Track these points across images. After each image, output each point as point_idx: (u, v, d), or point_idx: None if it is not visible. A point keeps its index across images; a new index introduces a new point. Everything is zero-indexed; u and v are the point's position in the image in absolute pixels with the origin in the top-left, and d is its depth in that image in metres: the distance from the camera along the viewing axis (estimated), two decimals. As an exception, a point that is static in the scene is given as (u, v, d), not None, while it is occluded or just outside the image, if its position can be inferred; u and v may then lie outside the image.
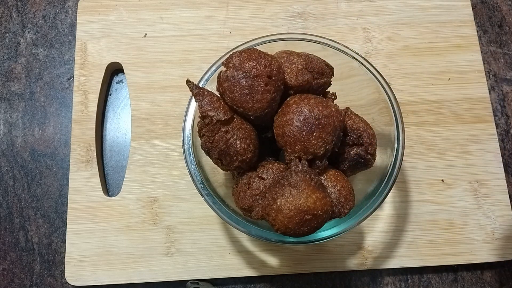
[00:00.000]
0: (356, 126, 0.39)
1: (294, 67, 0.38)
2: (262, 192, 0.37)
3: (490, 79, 0.55)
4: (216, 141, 0.35)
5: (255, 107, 0.35)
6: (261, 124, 0.39)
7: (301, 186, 0.33)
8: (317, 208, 0.33)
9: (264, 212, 0.34)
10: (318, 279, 0.49)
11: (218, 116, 0.35)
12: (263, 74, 0.35)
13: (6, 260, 0.49)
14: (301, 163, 0.34)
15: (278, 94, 0.36)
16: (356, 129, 0.39)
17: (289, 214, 0.32)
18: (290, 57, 0.39)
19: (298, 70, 0.38)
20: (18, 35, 0.56)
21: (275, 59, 0.37)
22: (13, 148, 0.52)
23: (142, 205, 0.49)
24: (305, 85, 0.38)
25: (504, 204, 0.49)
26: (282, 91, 0.37)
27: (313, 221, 0.33)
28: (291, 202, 0.32)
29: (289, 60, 0.39)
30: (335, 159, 0.40)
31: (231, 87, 0.35)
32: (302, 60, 0.39)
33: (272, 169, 0.38)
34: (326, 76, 0.40)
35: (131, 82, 0.52)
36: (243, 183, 0.39)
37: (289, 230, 0.33)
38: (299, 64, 0.38)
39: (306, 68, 0.38)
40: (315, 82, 0.39)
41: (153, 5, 0.55)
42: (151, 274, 0.47)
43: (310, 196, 0.33)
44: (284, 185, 0.33)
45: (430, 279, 0.49)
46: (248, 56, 0.36)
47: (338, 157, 0.40)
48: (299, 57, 0.39)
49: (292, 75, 0.38)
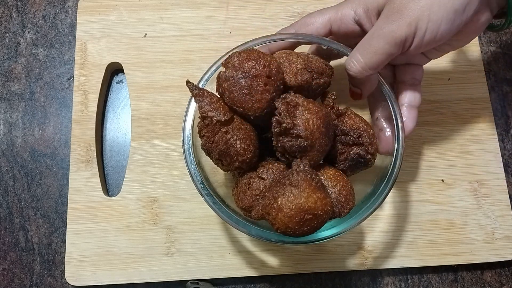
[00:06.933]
0: (356, 126, 0.39)
1: (293, 67, 0.38)
2: (262, 192, 0.37)
3: (490, 79, 0.55)
4: (216, 141, 0.35)
5: (254, 107, 0.35)
6: (261, 124, 0.39)
7: (302, 185, 0.33)
8: (318, 208, 0.33)
9: (264, 211, 0.34)
10: (318, 279, 0.49)
11: (218, 117, 0.35)
12: (262, 74, 0.35)
13: (6, 260, 0.49)
14: (303, 162, 0.34)
15: (277, 94, 0.36)
16: (356, 129, 0.39)
17: (289, 213, 0.32)
18: (289, 57, 0.39)
19: (297, 70, 0.38)
20: (18, 35, 0.56)
21: (274, 59, 0.37)
22: (13, 148, 0.52)
23: (142, 205, 0.49)
24: (304, 85, 0.38)
25: (504, 204, 0.49)
26: (281, 91, 0.37)
27: (314, 221, 0.33)
28: (292, 201, 0.32)
29: (288, 60, 0.39)
30: (335, 158, 0.40)
31: (231, 87, 0.35)
32: (302, 60, 0.38)
33: (272, 169, 0.38)
34: (326, 76, 0.40)
35: (131, 82, 0.52)
36: (243, 183, 0.39)
37: (289, 230, 0.33)
38: (298, 64, 0.38)
39: (306, 68, 0.38)
40: (315, 82, 0.39)
41: (153, 5, 0.55)
42: (151, 274, 0.47)
43: (311, 196, 0.32)
44: (285, 184, 0.33)
45: (430, 279, 0.49)
46: (247, 56, 0.36)
47: (338, 156, 0.40)
48: (299, 57, 0.39)
49: (292, 75, 0.38)
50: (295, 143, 0.35)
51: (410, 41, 0.35)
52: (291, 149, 0.35)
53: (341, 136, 0.39)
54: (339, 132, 0.39)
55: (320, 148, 0.36)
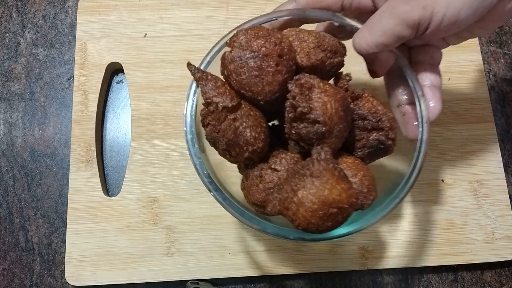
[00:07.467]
0: (375, 109, 0.35)
1: (305, 45, 0.34)
2: (277, 185, 0.33)
3: (490, 79, 0.55)
4: (223, 130, 0.32)
5: (265, 90, 0.32)
6: (271, 110, 0.35)
7: (325, 176, 0.29)
8: (343, 201, 0.29)
9: (282, 206, 0.31)
10: (318, 279, 0.49)
11: (225, 102, 0.31)
12: (273, 53, 0.31)
13: (6, 260, 0.49)
14: (324, 150, 0.30)
15: (290, 75, 0.33)
16: (375, 112, 0.35)
17: (312, 207, 0.29)
18: (299, 35, 0.35)
19: (310, 49, 0.34)
20: (18, 35, 0.56)
21: (285, 37, 0.33)
22: (13, 148, 0.52)
23: (142, 205, 0.49)
24: (319, 65, 0.35)
25: (504, 204, 0.49)
26: (294, 73, 0.33)
27: (339, 215, 0.29)
28: (315, 194, 0.29)
29: (299, 38, 0.35)
30: (352, 146, 0.37)
31: (238, 69, 0.32)
32: (314, 38, 0.35)
33: (286, 159, 0.34)
34: (339, 55, 0.36)
35: (131, 82, 0.52)
36: (254, 176, 0.35)
37: (312, 226, 0.30)
38: (310, 42, 0.34)
39: (319, 46, 0.35)
40: (328, 62, 0.35)
41: (153, 5, 0.55)
42: (151, 274, 0.47)
43: (335, 187, 0.29)
44: (305, 175, 0.30)
45: (430, 279, 0.49)
46: (256, 33, 0.32)
47: (355, 143, 0.37)
48: (310, 34, 0.35)
49: (303, 55, 0.34)
50: (312, 130, 0.31)
51: (424, 25, 0.32)
52: (307, 136, 0.32)
53: (359, 120, 0.36)
54: (356, 116, 0.36)
55: (339, 134, 0.33)
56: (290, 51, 0.33)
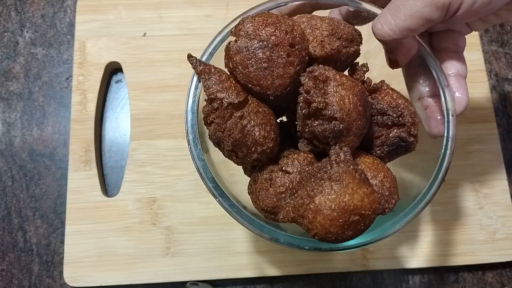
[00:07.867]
0: (395, 103, 0.32)
1: (318, 33, 0.31)
2: (289, 189, 0.30)
3: (492, 78, 0.55)
4: (228, 129, 0.29)
5: (275, 84, 0.29)
6: (281, 106, 0.32)
7: (344, 179, 0.26)
8: (365, 207, 0.26)
9: (297, 214, 0.28)
10: (318, 280, 0.49)
11: (230, 98, 0.28)
12: (284, 42, 0.28)
13: (5, 261, 0.49)
14: (343, 150, 0.27)
15: (302, 67, 0.30)
16: (396, 107, 0.32)
17: (331, 215, 0.26)
18: (311, 22, 0.32)
19: (323, 37, 0.31)
20: (17, 35, 0.56)
21: (297, 24, 0.30)
22: (11, 148, 0.52)
23: (141, 206, 0.48)
24: (334, 55, 0.32)
25: (505, 205, 0.49)
26: (306, 64, 0.30)
27: (360, 222, 0.27)
28: (334, 200, 0.26)
29: (310, 25, 0.32)
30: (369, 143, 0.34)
31: (245, 60, 0.29)
32: (327, 25, 0.32)
33: (298, 159, 0.31)
34: (355, 44, 0.33)
35: (130, 82, 0.52)
36: (264, 179, 0.32)
37: (331, 235, 0.27)
38: (323, 30, 0.31)
39: (333, 34, 0.31)
40: (344, 51, 0.32)
41: (152, 4, 0.55)
42: (150, 275, 0.47)
43: (356, 192, 0.26)
44: (323, 178, 0.27)
45: (431, 279, 0.49)
46: (264, 20, 0.29)
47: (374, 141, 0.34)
48: (323, 21, 0.32)
49: (316, 44, 0.31)
50: (328, 127, 0.28)
51: (455, 6, 0.29)
52: (323, 134, 0.29)
53: (377, 116, 0.33)
54: (375, 111, 0.33)
55: (357, 132, 0.30)
56: (303, 40, 0.30)
